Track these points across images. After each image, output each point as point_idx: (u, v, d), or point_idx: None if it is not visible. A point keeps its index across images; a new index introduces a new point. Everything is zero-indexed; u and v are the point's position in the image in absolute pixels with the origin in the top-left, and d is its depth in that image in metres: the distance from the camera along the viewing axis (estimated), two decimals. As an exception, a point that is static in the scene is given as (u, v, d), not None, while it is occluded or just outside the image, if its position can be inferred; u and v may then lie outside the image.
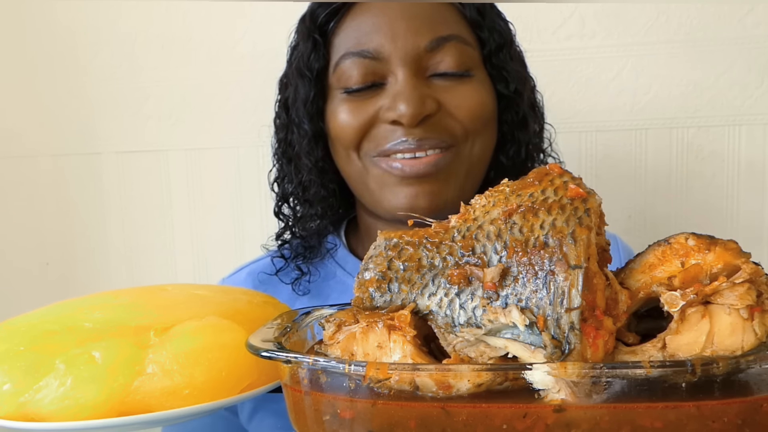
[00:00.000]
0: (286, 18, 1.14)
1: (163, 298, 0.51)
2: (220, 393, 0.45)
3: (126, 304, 0.49)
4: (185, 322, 0.45)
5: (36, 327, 0.46)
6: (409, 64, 0.67)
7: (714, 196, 1.06)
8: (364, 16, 0.70)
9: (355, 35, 0.69)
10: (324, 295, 0.79)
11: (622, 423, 0.33)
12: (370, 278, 0.42)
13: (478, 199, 0.42)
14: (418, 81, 0.67)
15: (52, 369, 0.42)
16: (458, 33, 0.69)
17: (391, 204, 0.69)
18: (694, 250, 0.38)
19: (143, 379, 0.42)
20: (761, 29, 1.01)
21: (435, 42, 0.67)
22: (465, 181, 0.71)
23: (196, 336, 0.45)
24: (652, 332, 0.38)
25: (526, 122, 0.74)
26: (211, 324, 0.46)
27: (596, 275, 0.36)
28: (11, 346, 0.43)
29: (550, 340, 0.35)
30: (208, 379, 0.44)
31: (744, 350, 0.35)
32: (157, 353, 0.43)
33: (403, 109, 0.65)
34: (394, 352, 0.38)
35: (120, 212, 1.23)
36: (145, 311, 0.47)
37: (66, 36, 1.20)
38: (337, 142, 0.72)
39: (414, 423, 0.35)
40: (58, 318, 0.47)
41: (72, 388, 0.41)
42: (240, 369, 0.45)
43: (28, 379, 0.42)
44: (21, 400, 0.41)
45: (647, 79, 1.05)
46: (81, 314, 0.47)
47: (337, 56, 0.70)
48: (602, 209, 0.40)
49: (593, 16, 1.05)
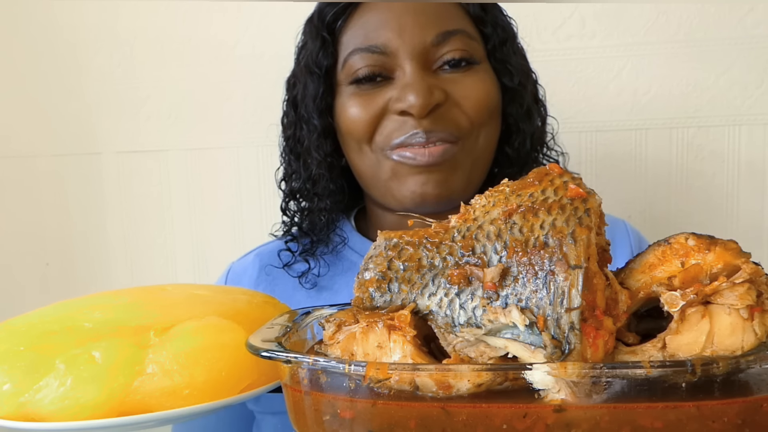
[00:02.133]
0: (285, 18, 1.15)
1: (163, 298, 0.51)
2: (220, 393, 0.45)
3: (126, 304, 0.49)
4: (185, 322, 0.45)
5: (36, 327, 0.46)
6: (416, 57, 0.69)
7: (714, 196, 1.06)
8: (371, 14, 0.72)
9: (362, 32, 0.72)
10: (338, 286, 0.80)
11: (622, 423, 0.33)
12: (370, 278, 0.42)
13: (478, 199, 0.42)
14: (426, 73, 0.70)
15: (52, 369, 0.42)
16: (463, 27, 0.72)
17: (402, 192, 0.72)
18: (694, 250, 0.38)
19: (143, 379, 0.42)
20: (761, 29, 1.01)
21: (441, 36, 0.70)
22: (471, 172, 0.73)
23: (196, 336, 0.44)
24: (652, 332, 0.38)
25: (531, 114, 0.77)
26: (211, 324, 0.46)
27: (596, 275, 0.36)
28: (11, 346, 0.43)
29: (550, 340, 0.35)
30: (208, 379, 0.44)
31: (744, 350, 0.35)
32: (157, 353, 0.43)
33: (412, 100, 0.67)
34: (394, 352, 0.38)
35: (120, 212, 1.23)
36: (145, 311, 0.47)
37: (65, 36, 1.20)
38: (348, 137, 0.74)
39: (414, 423, 0.35)
40: (57, 318, 0.47)
41: (72, 388, 0.41)
42: (240, 369, 0.45)
43: (28, 379, 0.42)
44: (21, 400, 0.41)
45: (647, 79, 1.05)
46: (81, 314, 0.47)
47: (346, 53, 0.73)
48: (602, 209, 0.40)
49: (593, 16, 1.05)
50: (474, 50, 0.72)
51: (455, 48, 0.70)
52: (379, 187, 0.74)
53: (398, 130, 0.70)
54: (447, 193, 0.71)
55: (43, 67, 1.21)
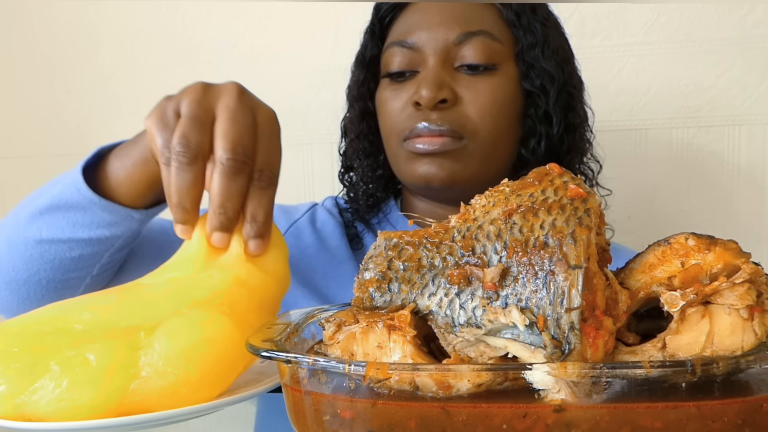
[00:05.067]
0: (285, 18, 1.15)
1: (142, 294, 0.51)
2: (217, 386, 0.46)
3: (112, 303, 0.49)
4: (170, 319, 0.46)
5: (29, 328, 0.46)
6: (438, 54, 0.76)
7: (714, 196, 1.06)
8: (412, 13, 0.80)
9: (401, 28, 0.80)
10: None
11: (622, 423, 0.33)
12: (370, 278, 0.42)
13: (478, 199, 0.42)
14: (443, 69, 0.76)
15: (47, 371, 0.42)
16: (488, 29, 0.76)
17: (411, 176, 0.78)
18: (694, 250, 0.38)
19: (140, 381, 0.43)
20: (761, 29, 1.01)
21: (463, 36, 0.75)
22: (482, 167, 0.77)
23: (181, 334, 0.45)
24: (652, 332, 0.38)
25: (550, 118, 0.79)
26: (194, 319, 0.46)
27: (596, 275, 0.36)
28: (5, 347, 0.43)
29: (550, 340, 0.35)
30: (203, 375, 0.44)
31: (744, 350, 0.35)
32: (148, 355, 0.43)
33: (423, 92, 0.74)
34: (394, 352, 0.38)
35: (120, 212, 1.22)
36: (130, 311, 0.47)
37: (66, 36, 1.20)
38: (380, 123, 0.82)
39: (414, 423, 0.35)
40: (49, 319, 0.47)
41: (68, 390, 0.41)
42: (231, 357, 0.46)
43: (23, 380, 0.42)
44: (17, 401, 0.41)
45: (647, 79, 1.05)
46: (71, 315, 0.47)
47: (386, 45, 0.81)
48: (602, 209, 0.40)
49: (593, 16, 1.05)
50: (495, 52, 0.76)
51: (474, 49, 0.75)
52: (397, 169, 0.81)
53: (412, 119, 0.76)
54: (451, 178, 0.76)
55: (43, 67, 1.21)
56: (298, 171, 1.19)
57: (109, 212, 0.64)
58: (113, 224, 0.65)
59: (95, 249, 0.66)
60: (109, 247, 0.66)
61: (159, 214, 0.68)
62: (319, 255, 0.86)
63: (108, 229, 0.65)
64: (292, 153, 1.19)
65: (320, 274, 0.84)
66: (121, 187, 0.64)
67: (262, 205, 0.53)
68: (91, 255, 0.66)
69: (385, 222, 0.89)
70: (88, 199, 0.63)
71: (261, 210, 0.53)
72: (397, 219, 0.89)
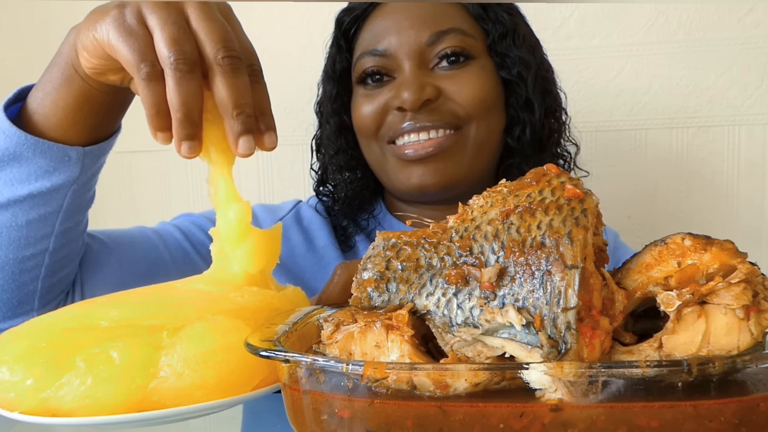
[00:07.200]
0: (285, 18, 1.15)
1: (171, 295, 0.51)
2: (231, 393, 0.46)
3: (139, 302, 0.50)
4: (194, 323, 0.46)
5: (56, 324, 0.46)
6: (412, 57, 0.76)
7: (714, 196, 1.06)
8: (377, 20, 0.79)
9: (369, 37, 0.79)
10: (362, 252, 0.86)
11: (618, 422, 0.33)
12: (369, 278, 0.42)
13: (476, 200, 0.42)
14: (420, 71, 0.76)
15: (73, 367, 0.42)
16: (458, 26, 0.77)
17: (404, 184, 0.78)
18: (691, 250, 0.38)
19: (158, 381, 0.43)
20: (761, 29, 1.01)
21: (434, 36, 0.75)
22: (473, 161, 0.78)
23: (204, 338, 0.45)
24: (648, 332, 0.38)
25: (530, 105, 0.80)
26: (218, 325, 0.46)
27: (593, 275, 0.36)
28: (32, 342, 0.44)
29: (546, 340, 0.35)
30: (219, 381, 0.45)
31: (740, 350, 0.35)
32: (169, 355, 0.44)
33: (406, 96, 0.74)
34: (391, 351, 0.38)
35: (120, 212, 1.23)
36: (156, 310, 0.48)
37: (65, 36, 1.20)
38: (358, 132, 0.82)
39: (411, 422, 0.35)
40: (76, 315, 0.48)
41: (92, 387, 0.42)
42: (250, 368, 0.46)
43: (49, 375, 0.42)
44: (43, 396, 0.42)
45: (647, 79, 1.05)
46: (98, 312, 0.47)
47: (356, 57, 0.81)
48: (600, 209, 0.40)
49: (593, 16, 1.05)
50: (469, 46, 0.76)
51: (448, 44, 0.75)
52: (386, 177, 0.81)
53: (396, 123, 0.76)
54: (446, 181, 0.76)
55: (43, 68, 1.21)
56: (298, 171, 1.19)
57: (42, 154, 0.58)
58: (50, 171, 0.59)
59: (41, 211, 0.61)
60: (57, 208, 0.61)
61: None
62: (307, 255, 0.85)
63: (47, 179, 0.59)
64: (292, 153, 1.19)
65: (309, 274, 0.84)
66: (50, 119, 0.59)
67: (264, 98, 0.52)
68: (39, 220, 0.61)
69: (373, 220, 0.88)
70: (17, 141, 0.58)
71: (265, 103, 0.52)
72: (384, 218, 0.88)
